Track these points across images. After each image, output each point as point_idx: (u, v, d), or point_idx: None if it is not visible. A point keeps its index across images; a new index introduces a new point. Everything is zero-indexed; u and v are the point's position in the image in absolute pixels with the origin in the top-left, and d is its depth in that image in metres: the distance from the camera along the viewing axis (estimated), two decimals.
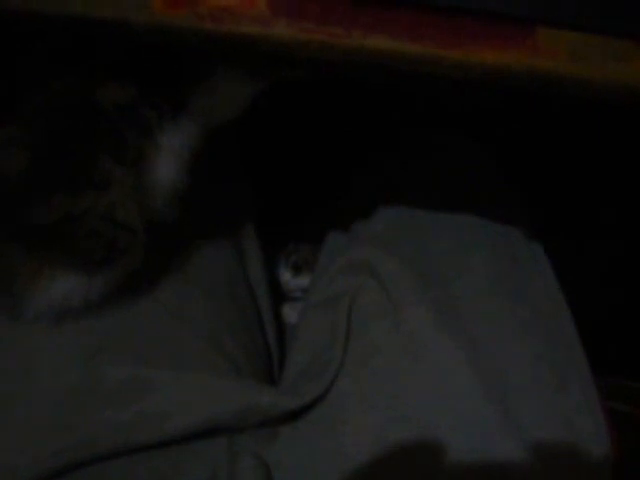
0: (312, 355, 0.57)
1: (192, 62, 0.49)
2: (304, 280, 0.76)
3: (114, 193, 0.47)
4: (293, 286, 0.77)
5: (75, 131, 0.46)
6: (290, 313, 0.77)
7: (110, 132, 0.46)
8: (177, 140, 0.50)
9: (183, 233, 0.60)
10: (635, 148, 0.73)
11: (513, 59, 0.35)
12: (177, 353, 0.53)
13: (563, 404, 0.51)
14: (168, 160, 0.49)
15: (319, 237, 0.71)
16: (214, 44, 0.38)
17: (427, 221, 0.62)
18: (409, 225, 0.63)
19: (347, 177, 0.73)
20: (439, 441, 0.48)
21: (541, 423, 0.49)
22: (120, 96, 0.47)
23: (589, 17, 0.32)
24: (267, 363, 0.62)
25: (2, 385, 0.49)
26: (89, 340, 0.51)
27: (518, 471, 0.47)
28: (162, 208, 0.51)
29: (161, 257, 0.58)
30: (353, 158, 0.74)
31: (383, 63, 0.37)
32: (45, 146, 0.46)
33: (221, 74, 0.51)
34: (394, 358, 0.53)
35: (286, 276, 0.77)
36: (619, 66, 0.34)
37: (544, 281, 0.59)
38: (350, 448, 0.50)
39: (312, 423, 0.53)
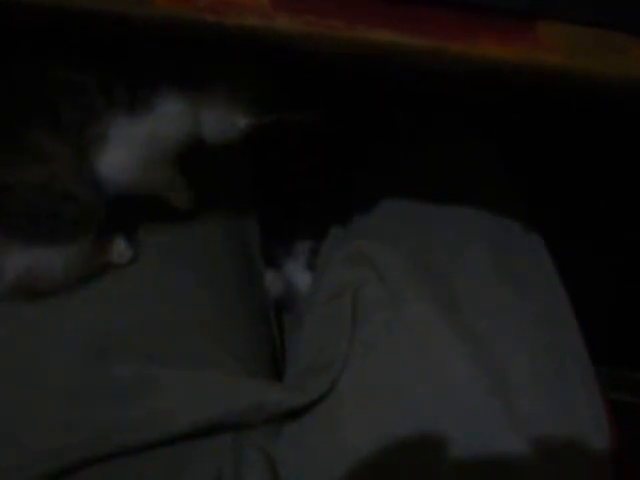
0: (317, 351, 0.57)
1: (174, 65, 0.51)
2: None
3: (53, 164, 0.47)
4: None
5: (6, 102, 0.47)
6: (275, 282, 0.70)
7: (44, 102, 0.47)
8: (129, 133, 0.50)
9: (187, 229, 0.61)
10: (636, 140, 0.73)
11: (514, 52, 0.35)
12: (183, 351, 0.54)
13: (564, 397, 0.51)
14: (117, 150, 0.50)
15: (320, 232, 0.71)
16: (215, 37, 0.38)
17: (427, 214, 0.62)
18: (409, 218, 0.62)
19: (347, 171, 0.73)
20: (441, 435, 0.48)
21: (542, 416, 0.49)
22: (73, 73, 0.48)
23: (588, 11, 0.32)
24: (273, 359, 0.62)
25: (4, 384, 0.50)
26: (93, 338, 0.52)
27: (519, 464, 0.47)
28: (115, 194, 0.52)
29: (164, 253, 0.58)
30: (353, 152, 0.74)
31: (384, 56, 0.37)
32: None
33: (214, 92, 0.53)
34: (395, 352, 0.53)
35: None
36: (617, 58, 0.34)
37: (544, 273, 0.59)
38: (353, 443, 0.50)
39: (315, 418, 0.53)
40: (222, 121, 0.54)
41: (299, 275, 0.73)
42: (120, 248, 0.56)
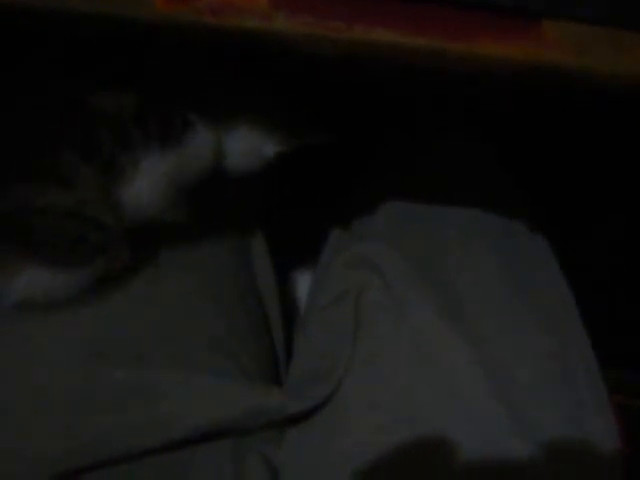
0: (319, 356, 0.57)
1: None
2: None
3: (84, 191, 0.48)
4: None
5: (41, 124, 0.47)
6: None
7: (80, 131, 0.47)
8: (160, 169, 0.51)
9: (188, 235, 0.60)
10: None
11: (518, 51, 0.34)
12: (182, 355, 0.53)
13: (571, 401, 0.50)
14: (145, 184, 0.51)
15: (320, 235, 0.70)
16: (214, 39, 0.38)
17: (428, 216, 0.62)
18: (410, 221, 0.62)
19: (347, 175, 0.73)
20: (446, 441, 0.47)
21: (549, 421, 0.49)
22: (109, 103, 0.48)
23: (595, 9, 0.32)
24: (274, 365, 0.61)
25: (3, 390, 0.49)
26: (92, 343, 0.51)
27: (526, 470, 0.46)
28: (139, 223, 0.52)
29: (164, 259, 0.58)
30: (353, 156, 0.73)
31: (385, 57, 0.37)
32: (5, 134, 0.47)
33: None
34: (399, 357, 0.52)
35: None
36: (625, 58, 0.34)
37: (549, 275, 0.58)
38: (356, 449, 0.49)
39: (318, 424, 0.52)
40: (250, 152, 0.55)
41: (302, 281, 0.73)
42: (123, 256, 0.56)
